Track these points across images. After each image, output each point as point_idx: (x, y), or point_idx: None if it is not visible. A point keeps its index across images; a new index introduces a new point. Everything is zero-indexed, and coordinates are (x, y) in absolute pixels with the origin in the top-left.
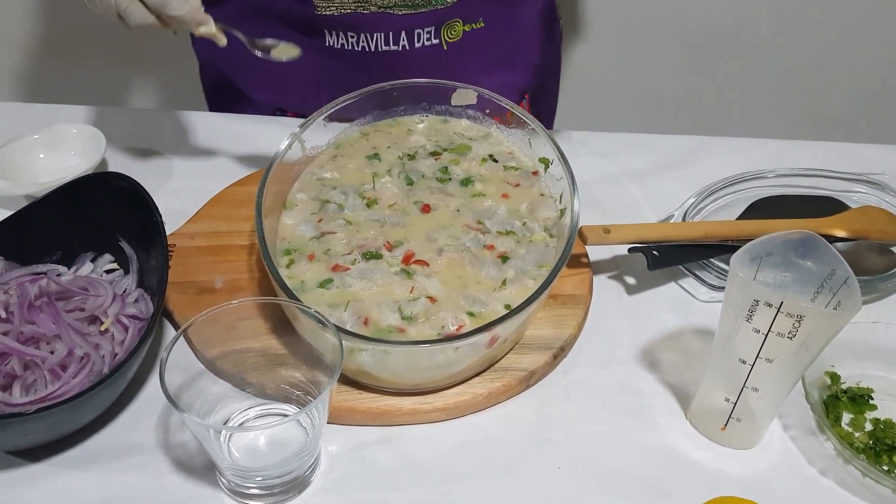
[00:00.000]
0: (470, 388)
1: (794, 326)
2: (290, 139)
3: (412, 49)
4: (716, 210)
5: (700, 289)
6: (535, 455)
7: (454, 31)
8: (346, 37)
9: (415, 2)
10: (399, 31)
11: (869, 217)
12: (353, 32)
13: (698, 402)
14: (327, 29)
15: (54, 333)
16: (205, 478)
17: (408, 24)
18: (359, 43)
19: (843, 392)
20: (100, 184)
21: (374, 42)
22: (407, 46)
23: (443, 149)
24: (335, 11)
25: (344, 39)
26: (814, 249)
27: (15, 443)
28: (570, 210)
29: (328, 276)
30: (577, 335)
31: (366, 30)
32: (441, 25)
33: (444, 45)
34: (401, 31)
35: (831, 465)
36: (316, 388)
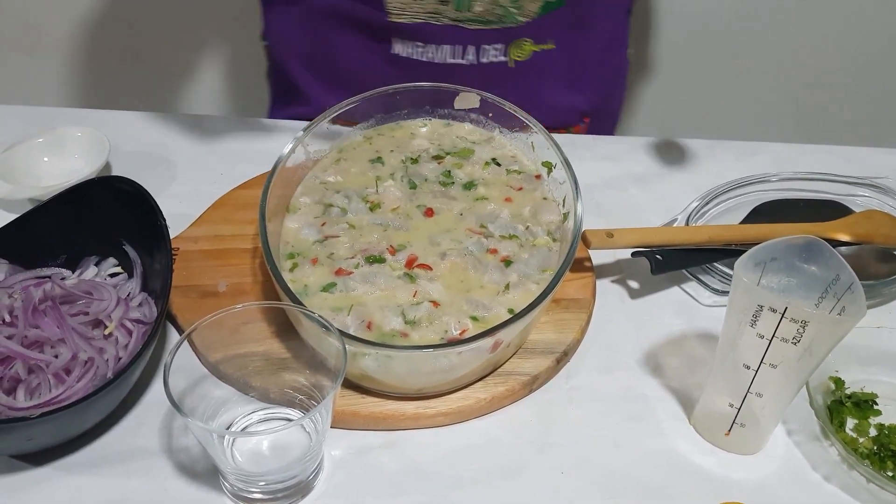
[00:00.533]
0: (473, 393)
1: (799, 332)
2: (293, 143)
3: (479, 64)
4: (719, 214)
5: (703, 293)
6: (539, 459)
7: (523, 50)
8: (414, 46)
9: (487, 18)
10: (467, 45)
11: (873, 221)
12: (421, 42)
13: (702, 407)
14: (396, 37)
15: (58, 337)
16: (208, 482)
17: (477, 39)
18: (426, 53)
19: (848, 397)
20: (104, 187)
21: (442, 54)
22: (474, 61)
23: (446, 152)
24: (407, 20)
25: (412, 49)
26: (818, 254)
27: (19, 447)
28: (573, 214)
29: (331, 279)
30: (580, 339)
31: (435, 41)
32: (510, 43)
33: (512, 63)
34: (469, 45)
35: (835, 470)
36: (319, 393)
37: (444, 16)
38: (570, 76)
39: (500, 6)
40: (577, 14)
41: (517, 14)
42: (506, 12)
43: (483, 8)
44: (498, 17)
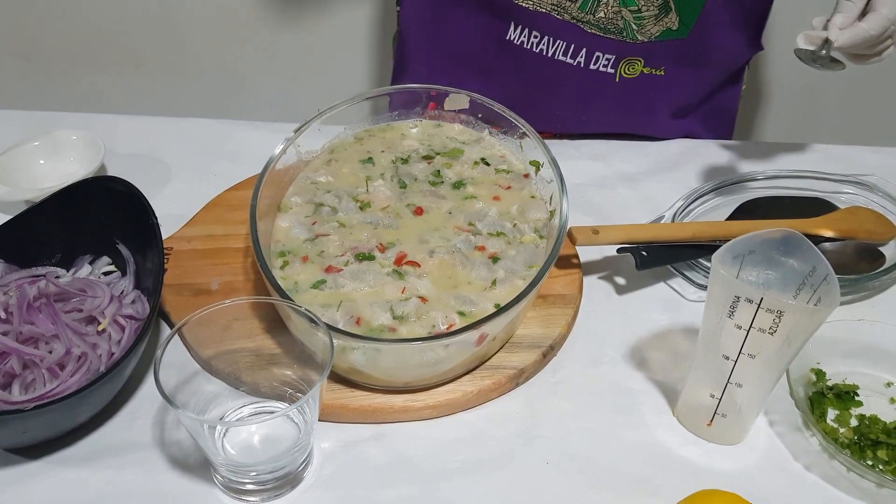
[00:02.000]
0: (460, 386)
1: (775, 322)
2: (284, 144)
3: (585, 68)
4: (705, 212)
5: (688, 288)
6: (525, 452)
7: (633, 68)
8: (529, 34)
9: (606, 26)
10: (581, 47)
11: (857, 217)
12: (538, 32)
13: (685, 399)
14: (515, 21)
15: (53, 333)
16: (200, 474)
17: (591, 43)
18: (539, 44)
19: (829, 389)
20: (98, 188)
21: (555, 48)
22: (582, 64)
23: (435, 152)
24: (531, 6)
25: (526, 36)
26: (796, 248)
27: (14, 440)
28: (559, 211)
29: (321, 277)
30: (566, 334)
31: (552, 34)
32: (622, 58)
33: (617, 78)
34: (582, 47)
35: (816, 460)
36: (308, 386)
37: (567, 12)
38: (674, 104)
39: (623, 18)
40: (695, 50)
41: (636, 31)
42: (626, 26)
43: (606, 15)
44: (618, 28)
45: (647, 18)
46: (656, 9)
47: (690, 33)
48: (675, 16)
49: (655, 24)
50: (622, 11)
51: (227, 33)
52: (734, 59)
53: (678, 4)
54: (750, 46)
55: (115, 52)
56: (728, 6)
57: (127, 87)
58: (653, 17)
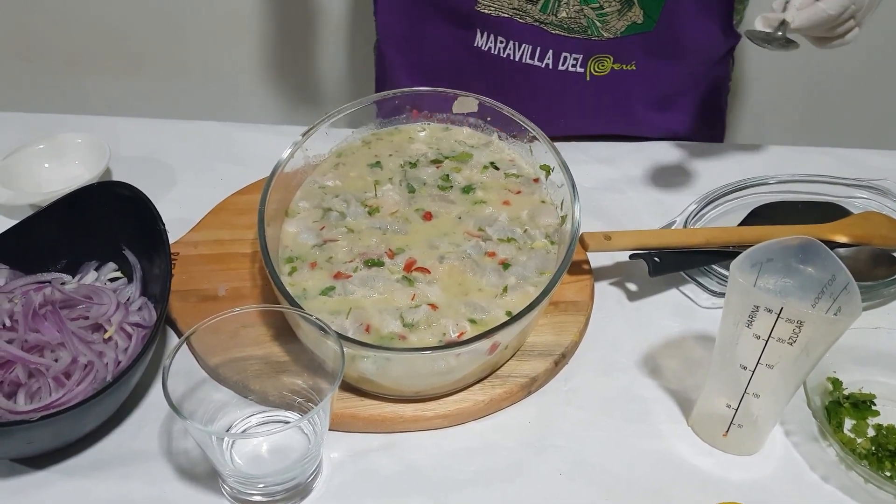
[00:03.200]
0: (471, 395)
1: (795, 332)
2: (292, 148)
3: (554, 69)
4: (717, 217)
5: (701, 295)
6: (537, 461)
7: (602, 65)
8: (495, 40)
9: (570, 26)
10: (547, 49)
11: (871, 223)
12: (503, 37)
13: (700, 409)
14: (480, 28)
15: (58, 341)
16: (207, 485)
17: (557, 45)
18: (505, 49)
19: (846, 398)
20: (103, 193)
21: (521, 52)
22: (550, 66)
23: (444, 156)
24: (493, 12)
25: (492, 42)
26: (814, 255)
27: (19, 450)
28: (570, 217)
29: (330, 283)
30: (578, 342)
31: (516, 38)
32: (590, 57)
33: (588, 77)
34: (549, 49)
35: (833, 471)
36: (318, 396)
37: (530, 15)
38: (651, 98)
39: (585, 17)
40: (665, 42)
41: (601, 28)
42: (590, 24)
43: (568, 14)
44: (582, 27)
45: (610, 14)
46: (618, 4)
47: (657, 25)
48: (639, 9)
49: (619, 19)
50: (584, 10)
51: (234, 35)
52: (709, 48)
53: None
54: (725, 34)
55: (119, 54)
56: None
57: (132, 89)
58: (615, 12)
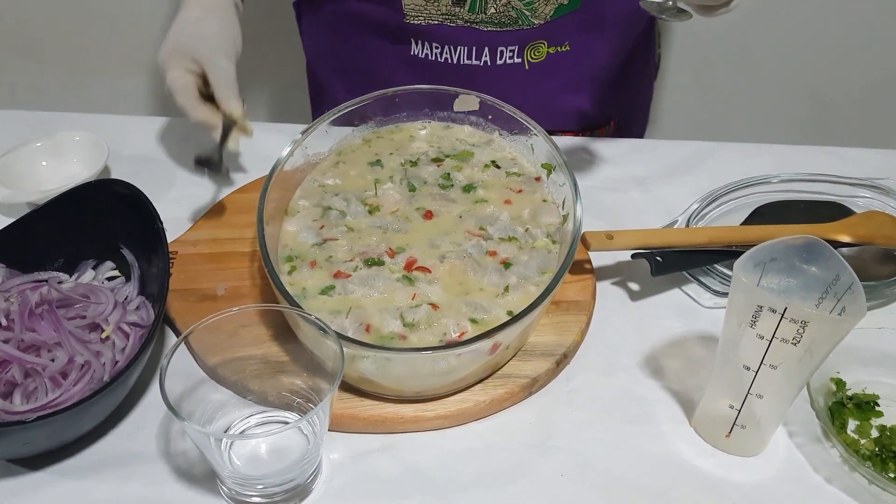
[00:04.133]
0: (472, 396)
1: (799, 332)
2: (291, 146)
3: (493, 65)
4: (720, 216)
5: (704, 295)
6: (538, 463)
7: (538, 52)
8: (430, 47)
9: (501, 20)
10: (483, 47)
11: (874, 222)
12: (437, 44)
13: (702, 409)
14: (414, 38)
15: (55, 341)
16: (206, 486)
17: (492, 41)
18: (442, 54)
19: (849, 399)
20: (101, 191)
21: (458, 55)
22: (489, 62)
23: (445, 155)
24: (423, 22)
25: (428, 49)
26: (818, 255)
27: (15, 451)
28: (572, 216)
29: (330, 282)
30: (580, 342)
31: (450, 42)
32: (525, 45)
33: (527, 65)
34: (484, 46)
35: (837, 472)
36: (317, 396)
37: (459, 17)
38: (586, 77)
39: (514, 8)
40: (592, 16)
41: (531, 16)
42: (519, 14)
43: (497, 10)
44: (512, 19)
45: (537, 1)
46: None
47: (583, 2)
48: None
49: (546, 4)
50: (511, 2)
51: None
52: (630, 18)
53: None
54: None
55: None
56: None
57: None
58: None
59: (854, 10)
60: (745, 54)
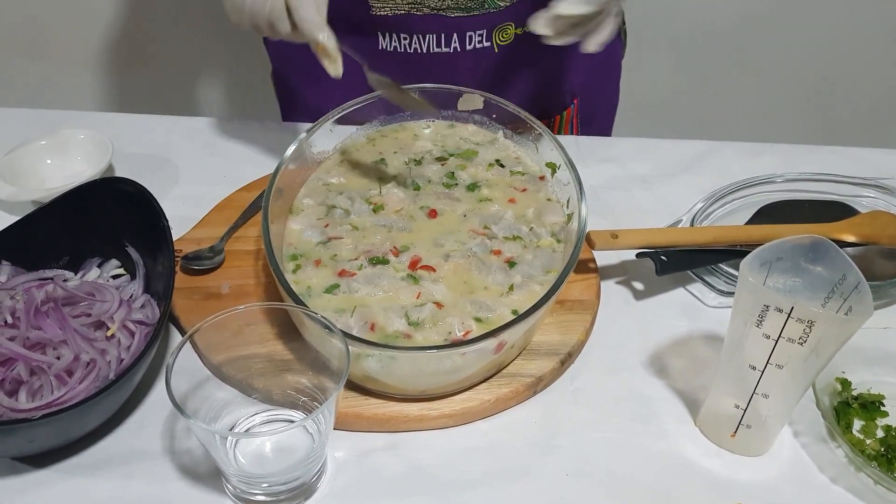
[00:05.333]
0: (477, 395)
1: (805, 332)
2: (296, 144)
3: (463, 51)
4: (724, 215)
5: (709, 294)
6: (543, 462)
7: (506, 34)
8: (398, 38)
9: (467, 5)
10: (451, 34)
11: (879, 222)
12: (405, 34)
13: (707, 409)
14: (381, 31)
15: (60, 339)
16: (210, 484)
17: (459, 26)
18: (411, 45)
19: (854, 398)
20: (106, 189)
21: (427, 43)
22: (458, 48)
23: (449, 154)
24: (389, 12)
25: (397, 41)
26: (824, 254)
27: (21, 449)
28: (577, 215)
29: (335, 281)
30: (584, 341)
31: (418, 31)
32: (493, 28)
33: (496, 48)
34: (452, 33)
35: (842, 472)
36: (322, 394)
37: (426, 6)
38: (555, 56)
39: None
40: None
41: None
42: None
43: None
44: (479, 3)
45: None
46: None
47: None
48: None
49: None
50: None
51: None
52: None
53: None
54: None
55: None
56: None
57: (135, 85)
58: None
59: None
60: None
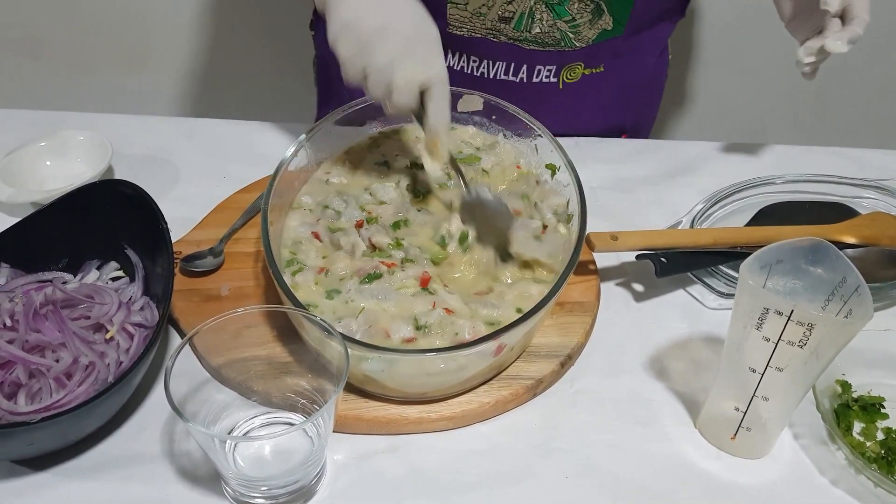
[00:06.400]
0: (477, 397)
1: (805, 335)
2: (296, 146)
3: (529, 83)
4: (724, 216)
5: (709, 296)
6: (543, 464)
7: (574, 73)
8: (468, 59)
9: (544, 40)
10: (521, 64)
11: (879, 223)
12: (476, 57)
13: (708, 411)
14: (452, 49)
15: (59, 341)
16: (210, 487)
17: (532, 59)
18: (479, 68)
19: (855, 401)
20: (105, 191)
21: (496, 70)
22: (525, 79)
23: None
24: (465, 33)
25: (465, 62)
26: (824, 256)
27: (20, 452)
28: (577, 216)
29: (335, 286)
30: (584, 343)
31: (490, 56)
32: (563, 66)
33: (561, 84)
34: (523, 64)
35: (843, 474)
36: (322, 397)
37: (503, 34)
38: (614, 96)
39: (559, 30)
40: (631, 41)
41: (574, 39)
42: (563, 36)
43: (542, 30)
44: (555, 40)
45: (582, 25)
46: (589, 14)
47: (626, 29)
48: (609, 17)
49: (591, 28)
50: (557, 23)
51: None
52: (662, 37)
53: (610, 6)
54: (673, 20)
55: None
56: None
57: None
58: (587, 22)
59: None
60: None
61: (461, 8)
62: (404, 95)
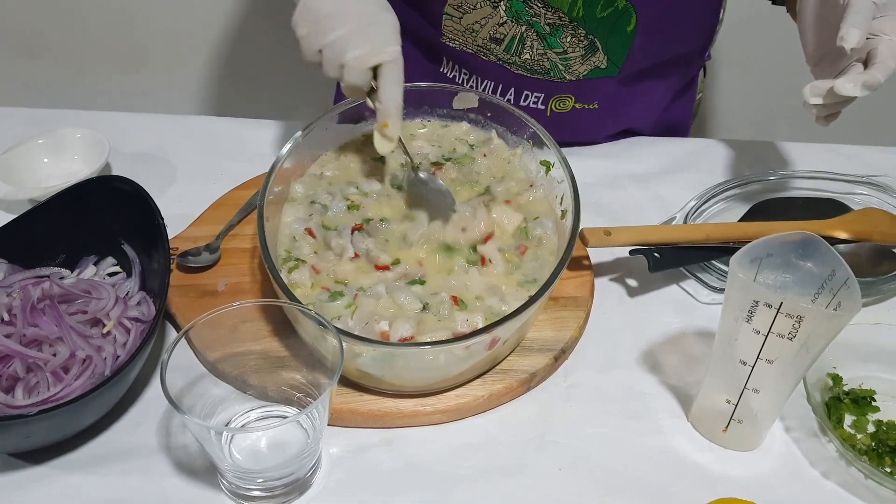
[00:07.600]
0: (471, 391)
1: (794, 327)
2: (292, 143)
3: (517, 105)
4: (718, 212)
5: (702, 291)
6: (537, 457)
7: (564, 104)
8: (459, 71)
9: (533, 67)
10: (509, 87)
11: (871, 219)
12: (467, 71)
13: (699, 404)
14: (446, 57)
15: (57, 336)
16: (206, 480)
17: (519, 83)
18: (469, 81)
19: (846, 394)
20: (103, 187)
21: (484, 87)
22: (512, 101)
23: (445, 159)
24: (457, 45)
25: (457, 72)
26: (814, 250)
27: (17, 445)
28: (570, 212)
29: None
30: (578, 337)
31: (480, 74)
32: (551, 96)
33: (549, 113)
34: (511, 86)
35: (834, 467)
36: (317, 390)
37: (493, 53)
38: (611, 130)
39: (549, 59)
40: (629, 83)
41: (563, 71)
42: (553, 66)
43: (531, 57)
44: (544, 69)
45: (574, 59)
46: (582, 49)
47: (621, 71)
48: (603, 55)
49: (583, 63)
50: (548, 53)
51: (234, 30)
52: (673, 81)
53: (605, 45)
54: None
55: (120, 49)
56: (661, 43)
57: (132, 84)
58: (579, 57)
59: None
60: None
61: (455, 21)
62: (355, 74)
